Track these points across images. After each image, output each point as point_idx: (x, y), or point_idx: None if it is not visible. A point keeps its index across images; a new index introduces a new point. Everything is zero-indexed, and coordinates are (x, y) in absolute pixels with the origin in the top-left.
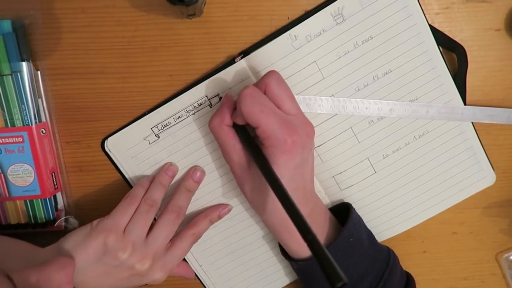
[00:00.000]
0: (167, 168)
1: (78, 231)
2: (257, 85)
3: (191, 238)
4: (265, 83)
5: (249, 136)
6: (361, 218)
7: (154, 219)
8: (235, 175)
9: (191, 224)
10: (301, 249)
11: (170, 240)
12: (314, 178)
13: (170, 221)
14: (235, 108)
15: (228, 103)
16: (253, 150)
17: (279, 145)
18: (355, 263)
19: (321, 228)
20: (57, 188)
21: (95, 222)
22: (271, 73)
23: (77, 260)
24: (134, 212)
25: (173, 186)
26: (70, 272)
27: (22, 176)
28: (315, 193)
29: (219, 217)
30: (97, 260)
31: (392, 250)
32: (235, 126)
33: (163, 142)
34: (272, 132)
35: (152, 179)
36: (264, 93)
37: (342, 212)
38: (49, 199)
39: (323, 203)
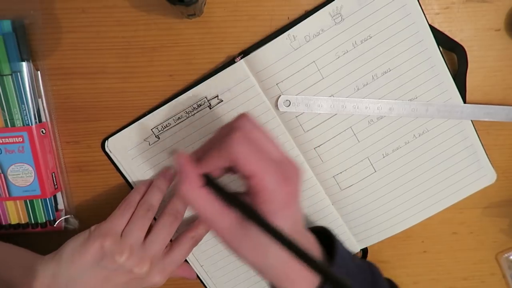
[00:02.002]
0: (164, 172)
1: (77, 237)
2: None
3: (190, 242)
4: (238, 127)
5: (228, 192)
6: (341, 243)
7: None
8: (226, 241)
9: (191, 227)
10: None
11: (169, 244)
12: (315, 178)
13: (167, 224)
14: (197, 159)
15: (186, 162)
16: (242, 208)
17: (278, 198)
18: None
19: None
20: (57, 188)
21: (92, 227)
22: (244, 116)
23: (76, 265)
24: (131, 217)
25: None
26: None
27: (22, 176)
28: (304, 229)
29: None
30: (95, 264)
31: (372, 264)
32: (208, 185)
33: (163, 143)
34: (268, 184)
35: (149, 184)
36: None
37: (320, 232)
38: (49, 199)
39: (310, 233)
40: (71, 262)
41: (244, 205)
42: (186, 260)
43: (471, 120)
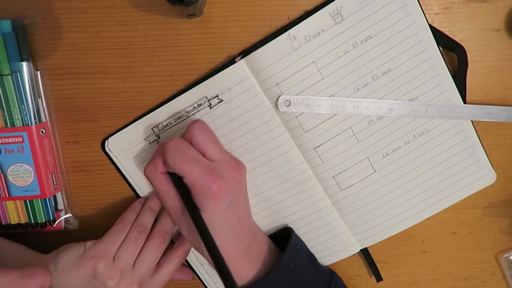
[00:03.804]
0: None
1: (73, 249)
2: (183, 135)
3: (178, 259)
4: (189, 132)
5: (180, 183)
6: (302, 242)
7: None
8: (172, 218)
9: (177, 244)
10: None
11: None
12: (314, 178)
13: (156, 245)
14: None
15: (161, 152)
16: (183, 196)
17: (205, 192)
18: (296, 286)
19: (261, 260)
20: (57, 188)
21: (88, 244)
22: (195, 122)
23: (69, 277)
24: (125, 238)
25: None
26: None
27: (22, 176)
28: (253, 226)
29: None
30: (86, 283)
31: (335, 273)
32: (169, 172)
33: None
34: (197, 181)
35: (144, 201)
36: (190, 142)
37: (284, 236)
38: (49, 199)
39: (263, 234)
40: (65, 273)
41: (185, 194)
42: (185, 261)
43: (471, 120)
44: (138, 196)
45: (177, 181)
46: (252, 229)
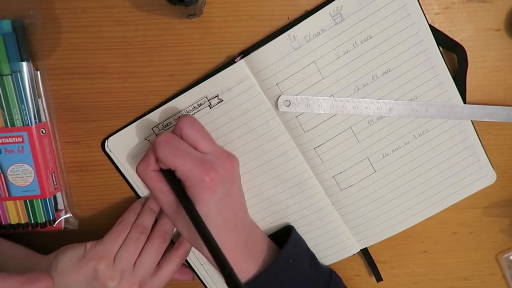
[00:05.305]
0: None
1: (73, 250)
2: (173, 131)
3: (179, 259)
4: (179, 127)
5: (173, 179)
6: (302, 239)
7: None
8: (167, 216)
9: (177, 244)
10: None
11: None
12: (314, 178)
13: (156, 246)
14: None
15: (152, 149)
16: (176, 191)
17: (198, 183)
18: (295, 284)
19: (259, 255)
20: (57, 188)
21: (88, 244)
22: (184, 117)
23: (70, 278)
24: (125, 239)
25: None
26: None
27: (22, 176)
28: (250, 222)
29: None
30: (87, 283)
31: (335, 272)
32: (161, 169)
33: None
34: (189, 173)
35: (145, 202)
36: (181, 136)
37: (285, 235)
38: (49, 199)
39: (260, 230)
40: (66, 274)
41: (178, 188)
42: (185, 261)
43: (471, 120)
44: (138, 196)
45: (170, 176)
46: (249, 224)
